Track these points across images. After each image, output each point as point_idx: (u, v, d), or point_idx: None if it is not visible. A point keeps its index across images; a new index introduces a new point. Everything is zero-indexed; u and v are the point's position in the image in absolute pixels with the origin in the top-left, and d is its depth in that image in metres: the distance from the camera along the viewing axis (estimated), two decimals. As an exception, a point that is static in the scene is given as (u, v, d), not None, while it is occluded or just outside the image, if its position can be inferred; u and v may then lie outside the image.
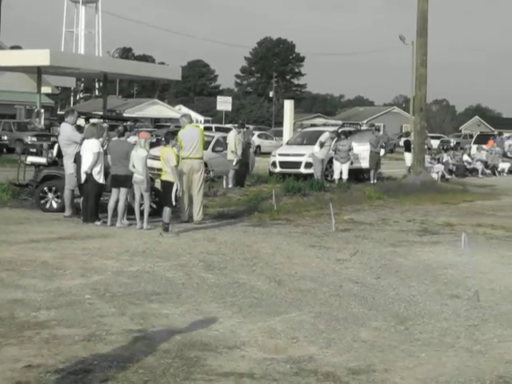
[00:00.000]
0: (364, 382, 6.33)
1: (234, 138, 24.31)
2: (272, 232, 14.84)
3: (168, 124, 66.85)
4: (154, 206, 15.81)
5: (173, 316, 8.24)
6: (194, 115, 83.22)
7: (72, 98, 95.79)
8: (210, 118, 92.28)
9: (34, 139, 35.15)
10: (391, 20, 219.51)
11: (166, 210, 14.16)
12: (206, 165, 16.90)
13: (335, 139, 26.59)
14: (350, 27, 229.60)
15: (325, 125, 28.25)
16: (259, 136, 53.70)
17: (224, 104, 76.65)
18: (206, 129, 33.04)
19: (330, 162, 26.74)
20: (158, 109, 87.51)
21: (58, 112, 69.90)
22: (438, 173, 29.94)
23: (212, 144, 26.19)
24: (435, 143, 50.50)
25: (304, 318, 8.33)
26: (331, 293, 9.61)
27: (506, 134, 41.26)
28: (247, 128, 28.84)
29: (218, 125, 60.14)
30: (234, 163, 23.87)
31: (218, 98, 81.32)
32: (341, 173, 26.16)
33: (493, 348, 7.30)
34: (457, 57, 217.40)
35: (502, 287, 10.05)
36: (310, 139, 28.25)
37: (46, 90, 50.12)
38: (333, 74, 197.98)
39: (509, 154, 37.54)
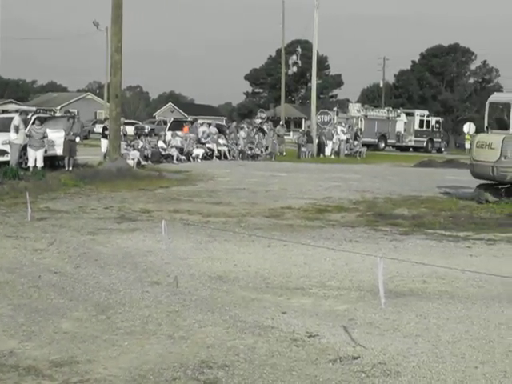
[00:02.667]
0: (67, 374, 6.21)
1: None
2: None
3: None
4: None
5: None
6: None
7: None
8: None
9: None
10: (87, 5, 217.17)
11: None
12: None
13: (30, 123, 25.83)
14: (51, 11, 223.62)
15: (18, 111, 27.27)
16: None
17: None
18: None
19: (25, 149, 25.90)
20: None
21: None
22: (133, 159, 30.14)
23: None
24: (130, 129, 50.92)
25: (2, 311, 8.01)
26: (30, 284, 9.33)
27: (199, 121, 42.58)
28: None
29: None
30: None
31: None
32: (35, 160, 25.46)
33: (194, 333, 7.46)
34: (150, 44, 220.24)
35: (200, 272, 10.33)
36: (4, 125, 27.13)
37: None
38: (25, 59, 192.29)
39: (203, 140, 38.78)
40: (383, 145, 64.77)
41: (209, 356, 6.75)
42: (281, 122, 57.12)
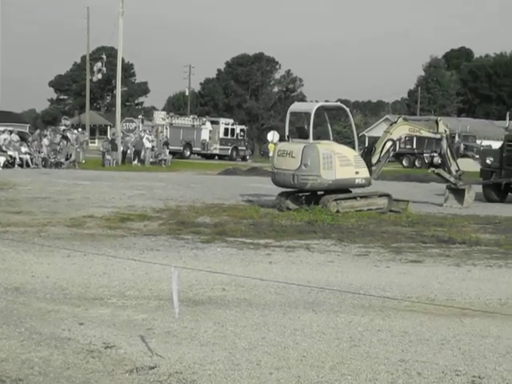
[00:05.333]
0: None
1: None
2: None
3: None
4: None
5: None
6: None
7: None
8: None
9: None
10: None
11: None
12: None
13: None
14: None
15: None
16: None
17: None
18: None
19: None
20: None
21: None
22: None
23: None
24: None
25: None
26: None
27: (0, 128, 41.08)
28: None
29: None
30: None
31: None
32: None
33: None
34: None
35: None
36: None
37: None
38: None
39: (3, 148, 37.52)
40: (188, 153, 65.25)
41: (1, 370, 6.47)
42: (79, 129, 55.96)
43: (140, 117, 58.34)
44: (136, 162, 46.79)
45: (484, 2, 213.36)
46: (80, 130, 55.56)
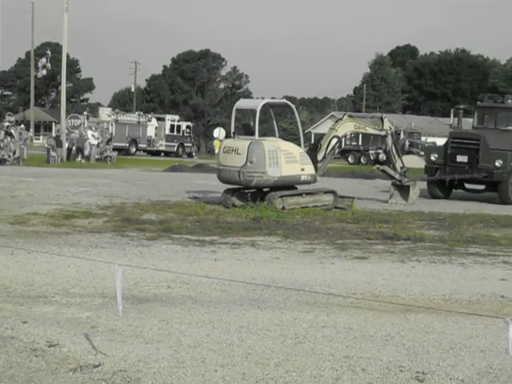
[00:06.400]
0: None
1: None
2: None
3: None
4: None
5: None
6: None
7: None
8: None
9: None
10: None
11: None
12: None
13: None
14: None
15: None
16: None
17: None
18: None
19: None
20: None
21: None
22: None
23: None
24: None
25: None
26: None
27: None
28: None
29: None
30: None
31: None
32: None
33: None
34: None
35: None
36: None
37: None
38: None
39: None
40: (134, 149, 64.86)
41: None
42: (21, 126, 55.06)
43: (85, 113, 57.69)
44: (80, 158, 46.30)
45: (430, 0, 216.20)
46: (22, 126, 54.75)
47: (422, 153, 48.18)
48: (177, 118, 71.93)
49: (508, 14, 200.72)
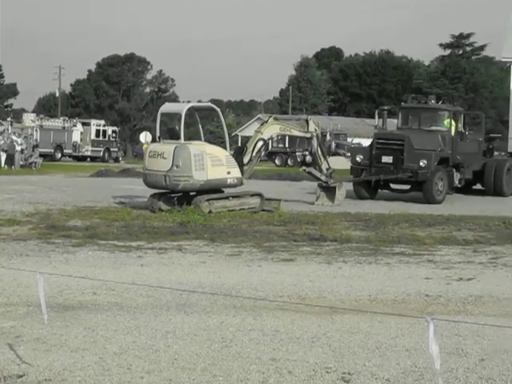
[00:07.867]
0: None
1: None
2: None
3: None
4: None
5: None
6: None
7: None
8: None
9: None
10: None
11: None
12: None
13: None
14: None
15: None
16: None
17: None
18: None
19: None
20: None
21: None
22: None
23: None
24: None
25: None
26: None
27: None
28: None
29: None
30: None
31: None
32: None
33: None
34: None
35: None
36: None
37: None
38: None
39: None
40: (60, 155, 63.97)
41: None
42: None
43: (9, 119, 56.69)
44: (3, 164, 45.48)
45: (354, 2, 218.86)
46: None
47: (348, 154, 48.67)
48: (102, 122, 71.19)
49: (430, 15, 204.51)
